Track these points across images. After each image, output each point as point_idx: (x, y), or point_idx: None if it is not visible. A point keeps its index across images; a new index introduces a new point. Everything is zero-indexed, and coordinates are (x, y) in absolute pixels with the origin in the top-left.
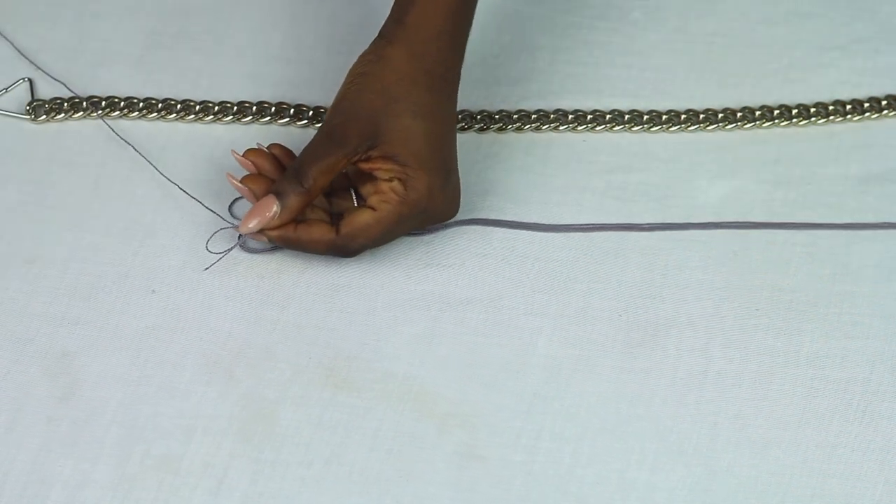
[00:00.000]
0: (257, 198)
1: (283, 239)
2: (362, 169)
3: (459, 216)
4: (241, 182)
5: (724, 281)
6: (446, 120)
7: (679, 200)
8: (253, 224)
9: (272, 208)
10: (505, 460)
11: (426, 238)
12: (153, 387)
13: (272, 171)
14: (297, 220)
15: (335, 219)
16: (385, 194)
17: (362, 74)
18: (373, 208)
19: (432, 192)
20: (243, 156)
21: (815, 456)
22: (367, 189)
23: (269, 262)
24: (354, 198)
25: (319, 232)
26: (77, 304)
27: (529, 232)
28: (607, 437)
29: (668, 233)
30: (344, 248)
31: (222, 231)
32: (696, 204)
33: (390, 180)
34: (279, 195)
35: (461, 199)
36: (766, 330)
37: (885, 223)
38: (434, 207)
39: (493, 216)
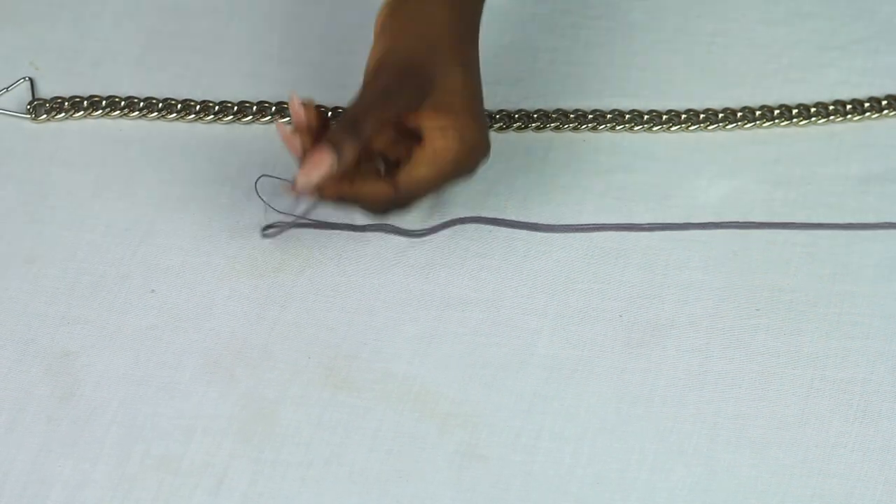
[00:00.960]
0: (303, 151)
1: (341, 196)
2: (407, 123)
3: (459, 215)
4: (291, 133)
5: (724, 281)
6: (478, 69)
7: (679, 200)
8: (314, 176)
9: (329, 160)
10: (505, 460)
11: (426, 238)
12: (153, 387)
13: (317, 129)
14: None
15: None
16: (438, 148)
17: (401, 28)
18: (428, 161)
19: (483, 140)
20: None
21: (815, 456)
22: (395, 151)
23: (269, 261)
24: (382, 164)
25: (377, 187)
26: (77, 304)
27: (529, 232)
28: (607, 437)
29: (668, 233)
30: (404, 203)
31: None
32: (697, 204)
33: (444, 131)
34: (336, 146)
35: (462, 194)
36: (766, 330)
37: (885, 223)
38: (482, 155)
39: (493, 216)
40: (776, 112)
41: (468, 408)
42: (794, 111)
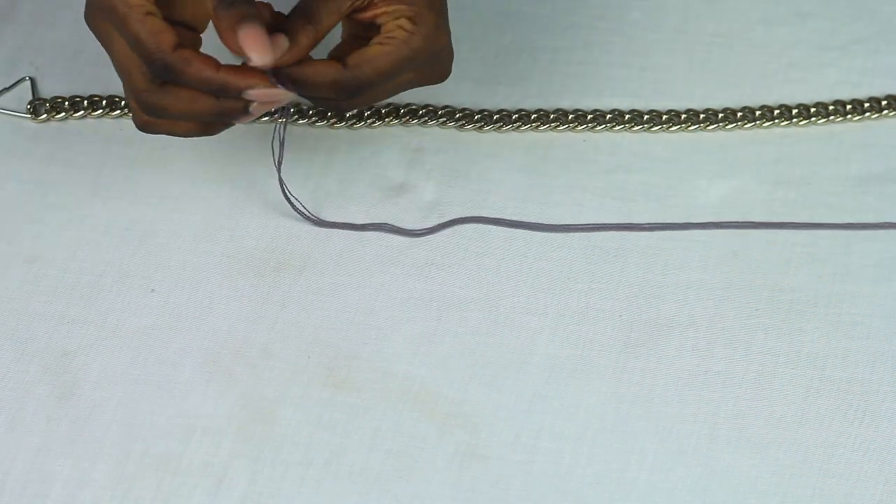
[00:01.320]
0: (257, 27)
1: (285, 75)
2: (361, 19)
3: (459, 215)
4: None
5: (724, 281)
6: None
7: (679, 200)
8: (265, 59)
9: (282, 43)
10: (505, 460)
11: (426, 238)
12: (152, 386)
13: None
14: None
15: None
16: (392, 32)
17: None
18: (380, 44)
19: (439, 33)
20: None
21: (815, 456)
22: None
23: (269, 261)
24: None
25: (325, 66)
26: (77, 303)
27: (529, 232)
28: (607, 437)
29: (668, 233)
30: (351, 86)
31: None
32: (696, 204)
33: (397, 19)
34: (288, 33)
35: (462, 194)
36: (766, 330)
37: (885, 223)
38: (439, 53)
39: (493, 215)
40: (776, 112)
41: (468, 408)
42: (794, 111)
